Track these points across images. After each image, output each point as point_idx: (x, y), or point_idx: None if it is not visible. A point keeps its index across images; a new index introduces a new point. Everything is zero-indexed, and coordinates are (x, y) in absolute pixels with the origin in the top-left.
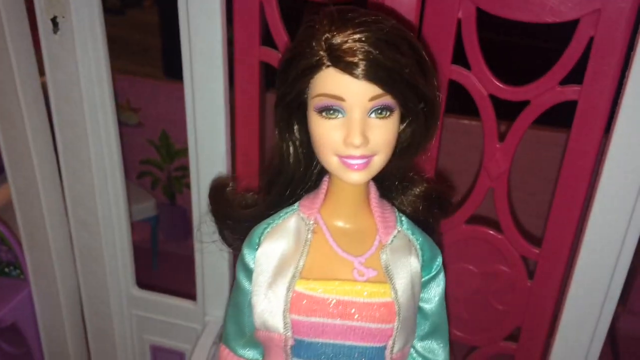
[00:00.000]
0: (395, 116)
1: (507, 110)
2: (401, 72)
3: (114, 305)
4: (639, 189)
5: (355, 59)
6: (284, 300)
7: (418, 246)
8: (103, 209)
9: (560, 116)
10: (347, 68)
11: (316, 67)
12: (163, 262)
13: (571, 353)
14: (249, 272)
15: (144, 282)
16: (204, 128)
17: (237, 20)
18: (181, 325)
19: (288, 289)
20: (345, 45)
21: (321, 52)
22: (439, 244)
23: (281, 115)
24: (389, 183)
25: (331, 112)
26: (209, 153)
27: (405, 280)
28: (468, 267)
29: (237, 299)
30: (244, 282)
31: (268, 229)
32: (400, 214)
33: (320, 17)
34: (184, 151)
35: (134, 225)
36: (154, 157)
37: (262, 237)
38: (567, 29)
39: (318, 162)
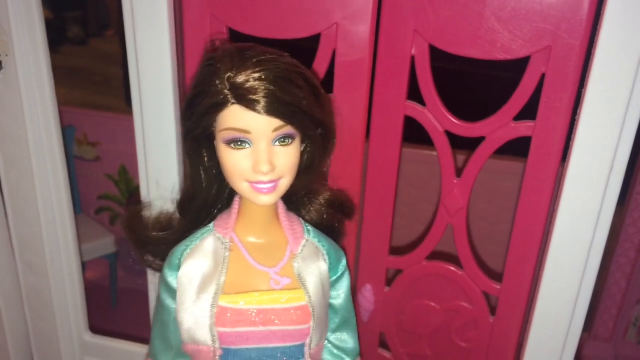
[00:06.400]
0: (297, 142)
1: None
2: (299, 104)
3: (65, 352)
4: (596, 221)
5: (257, 97)
6: (209, 315)
7: (324, 251)
8: (51, 251)
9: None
10: (251, 105)
11: (221, 105)
12: (124, 299)
13: None
14: (171, 291)
15: (102, 321)
16: (155, 159)
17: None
18: None
19: (212, 305)
20: (247, 84)
21: (225, 91)
22: (343, 246)
23: (190, 146)
24: (296, 197)
25: (239, 143)
26: (161, 183)
27: (316, 284)
28: (429, 303)
29: (162, 317)
30: (167, 301)
31: (187, 250)
32: (307, 224)
33: (220, 56)
34: None
35: (93, 263)
36: (112, 192)
37: (181, 258)
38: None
39: (228, 184)
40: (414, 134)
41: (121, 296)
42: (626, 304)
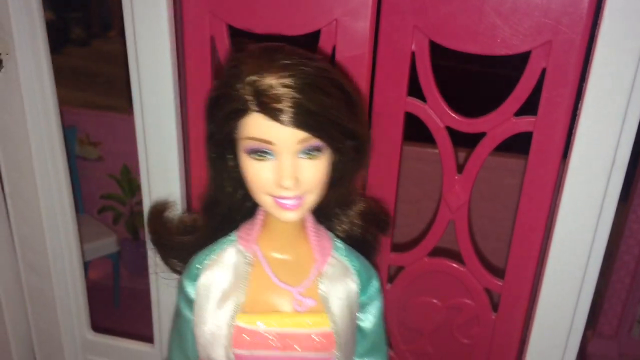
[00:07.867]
0: (326, 154)
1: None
2: (327, 114)
3: (68, 351)
4: (598, 216)
5: (282, 106)
6: (226, 335)
7: (354, 271)
8: (54, 251)
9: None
10: (275, 115)
11: (242, 112)
12: (127, 299)
13: None
14: (190, 302)
15: (105, 320)
16: (156, 159)
17: (189, 56)
18: None
19: (229, 325)
20: (272, 91)
21: (247, 97)
22: (375, 264)
23: (213, 150)
24: (328, 210)
25: (261, 154)
26: (162, 185)
27: (342, 307)
28: (432, 300)
29: (180, 327)
30: (186, 311)
31: (207, 260)
32: (336, 240)
33: (245, 57)
34: None
35: (96, 262)
36: (115, 192)
37: (200, 268)
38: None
39: None
40: (418, 132)
41: (124, 295)
42: (631, 301)
